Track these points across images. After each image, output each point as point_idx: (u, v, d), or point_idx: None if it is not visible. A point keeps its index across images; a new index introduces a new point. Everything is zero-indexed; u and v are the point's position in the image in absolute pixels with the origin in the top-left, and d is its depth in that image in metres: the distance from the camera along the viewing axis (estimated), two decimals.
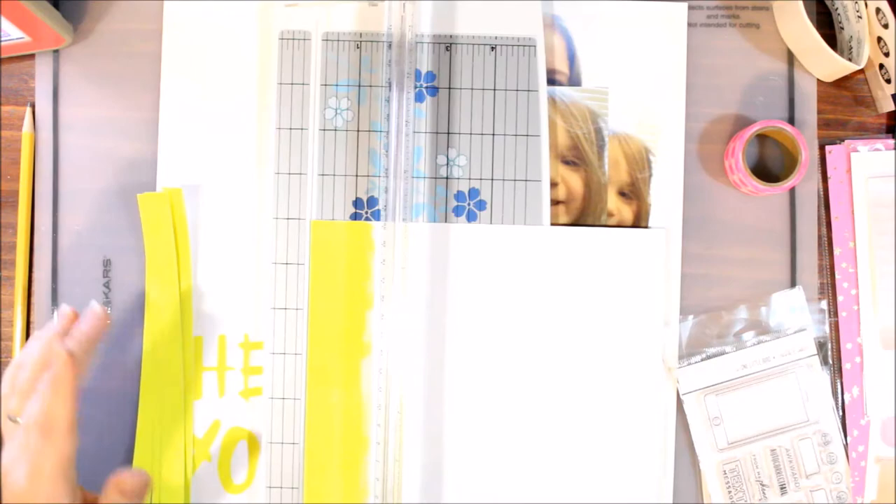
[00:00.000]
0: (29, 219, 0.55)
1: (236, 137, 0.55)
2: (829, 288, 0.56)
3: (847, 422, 0.54)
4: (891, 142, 0.55)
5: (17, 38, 0.52)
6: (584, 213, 0.55)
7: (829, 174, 0.56)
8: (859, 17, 0.54)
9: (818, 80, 0.56)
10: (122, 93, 0.55)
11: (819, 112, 0.56)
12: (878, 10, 0.53)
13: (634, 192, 0.55)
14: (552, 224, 0.55)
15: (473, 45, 0.55)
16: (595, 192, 0.55)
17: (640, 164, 0.55)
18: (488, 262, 0.55)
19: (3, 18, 0.49)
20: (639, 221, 0.55)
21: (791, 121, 0.56)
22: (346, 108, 0.55)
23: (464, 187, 0.55)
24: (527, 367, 0.54)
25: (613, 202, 0.55)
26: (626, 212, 0.55)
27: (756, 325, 0.55)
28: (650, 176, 0.55)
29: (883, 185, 0.55)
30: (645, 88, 0.56)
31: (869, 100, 0.57)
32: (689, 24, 0.56)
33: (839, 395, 0.55)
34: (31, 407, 0.42)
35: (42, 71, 0.56)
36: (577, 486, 0.54)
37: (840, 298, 0.55)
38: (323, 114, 0.55)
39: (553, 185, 0.55)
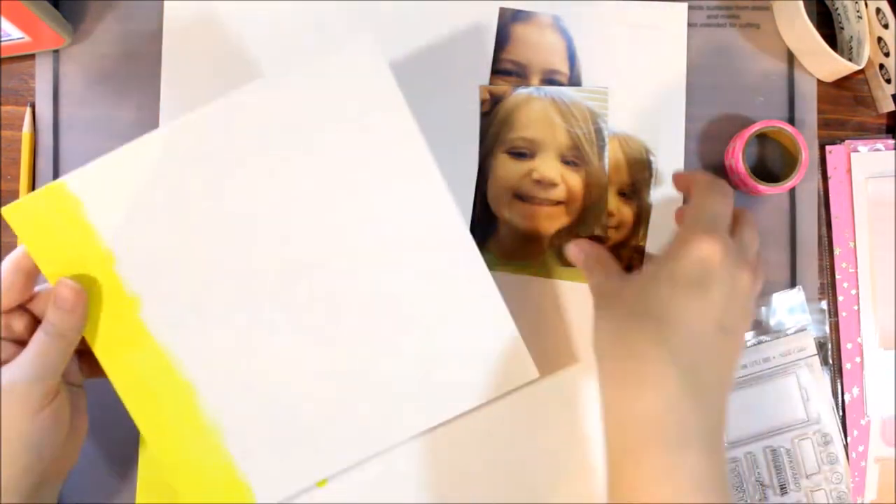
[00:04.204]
0: None
1: None
2: (829, 288, 0.56)
3: (847, 422, 0.54)
4: (891, 142, 0.55)
5: (17, 38, 0.52)
6: (585, 213, 0.55)
7: (829, 174, 0.56)
8: (859, 17, 0.53)
9: (818, 80, 0.56)
10: (122, 93, 0.55)
11: (819, 112, 0.56)
12: (878, 10, 0.53)
13: (634, 192, 0.55)
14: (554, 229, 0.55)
15: None
16: (595, 193, 0.55)
17: (640, 164, 0.55)
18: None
19: (3, 18, 0.49)
20: (639, 221, 0.55)
21: (791, 121, 0.56)
22: None
23: None
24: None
25: (614, 202, 0.55)
26: (626, 212, 0.55)
27: (756, 325, 0.55)
28: (650, 176, 0.55)
29: (883, 185, 0.55)
30: (645, 88, 0.55)
31: (869, 100, 0.57)
32: (689, 24, 0.56)
33: (839, 395, 0.55)
34: None
35: (42, 71, 0.56)
36: (578, 486, 0.54)
37: (840, 298, 0.55)
38: None
39: (553, 185, 0.55)
